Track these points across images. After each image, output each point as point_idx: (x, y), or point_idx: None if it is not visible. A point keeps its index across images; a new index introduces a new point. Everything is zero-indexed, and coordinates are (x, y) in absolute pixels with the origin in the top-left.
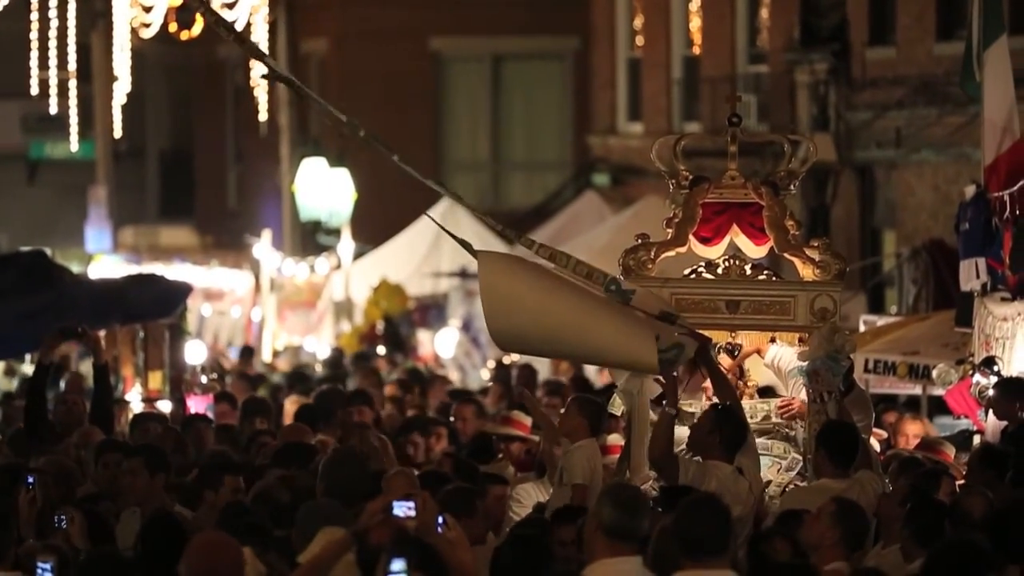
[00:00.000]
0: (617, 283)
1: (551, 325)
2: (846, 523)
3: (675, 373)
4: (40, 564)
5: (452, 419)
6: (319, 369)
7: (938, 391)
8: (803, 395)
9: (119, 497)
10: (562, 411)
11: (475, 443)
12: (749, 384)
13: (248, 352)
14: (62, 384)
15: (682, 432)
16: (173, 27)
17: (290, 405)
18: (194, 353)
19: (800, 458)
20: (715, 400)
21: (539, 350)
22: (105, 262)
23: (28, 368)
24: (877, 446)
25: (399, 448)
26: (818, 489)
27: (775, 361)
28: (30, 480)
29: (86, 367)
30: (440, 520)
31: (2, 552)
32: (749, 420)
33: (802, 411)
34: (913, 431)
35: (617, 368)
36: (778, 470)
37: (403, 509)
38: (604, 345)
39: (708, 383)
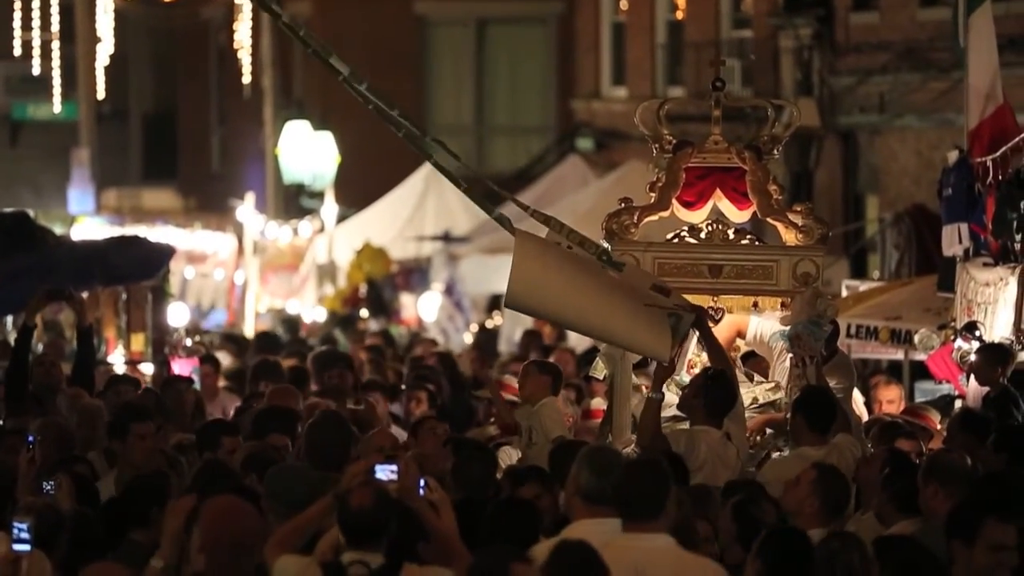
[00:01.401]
0: (608, 254)
1: (573, 304)
2: (826, 490)
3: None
4: (16, 524)
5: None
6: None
7: (920, 356)
8: (786, 363)
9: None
10: (519, 376)
11: (458, 407)
12: (733, 350)
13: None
14: (39, 346)
15: (671, 399)
16: None
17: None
18: (177, 315)
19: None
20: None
21: (552, 316)
22: (88, 224)
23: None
24: (863, 411)
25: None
26: (798, 457)
27: (756, 336)
28: (31, 439)
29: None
30: (422, 483)
31: None
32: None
33: (759, 427)
34: (887, 397)
35: (628, 349)
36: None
37: (385, 472)
38: (622, 328)
39: (693, 358)
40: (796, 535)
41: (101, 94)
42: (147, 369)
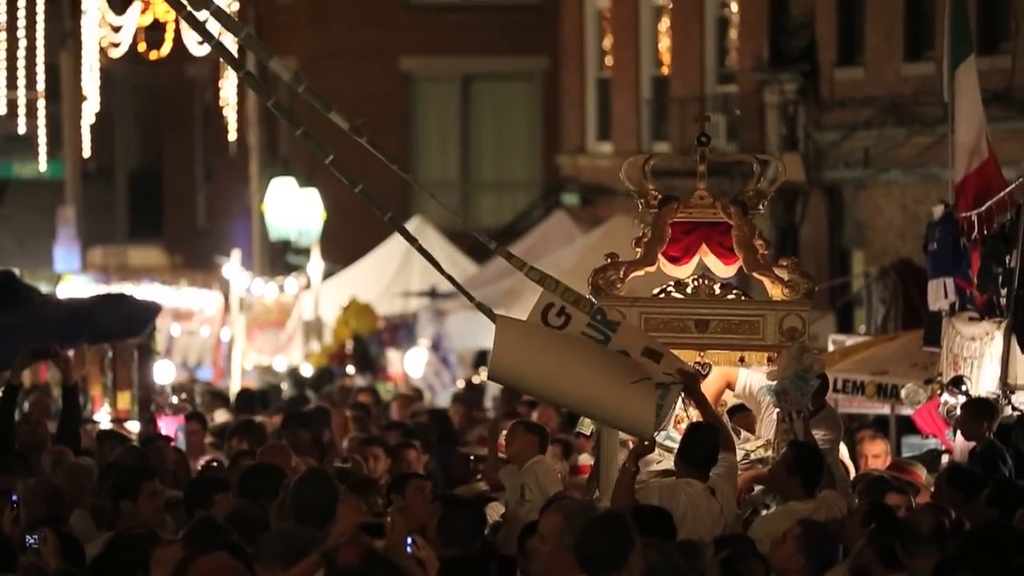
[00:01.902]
0: (603, 313)
1: (556, 385)
2: (812, 546)
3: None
4: None
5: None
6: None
7: (906, 411)
8: (772, 416)
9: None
10: (505, 436)
11: (452, 464)
12: (720, 405)
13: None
14: (26, 405)
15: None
16: (142, 47)
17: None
18: (163, 373)
19: None
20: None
21: (535, 394)
22: (74, 282)
23: None
24: (850, 465)
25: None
26: (786, 513)
27: (745, 389)
28: (15, 498)
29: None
30: (409, 541)
31: None
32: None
33: (746, 484)
34: (873, 451)
35: (612, 427)
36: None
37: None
38: (605, 408)
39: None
40: None
41: (87, 152)
42: (133, 427)
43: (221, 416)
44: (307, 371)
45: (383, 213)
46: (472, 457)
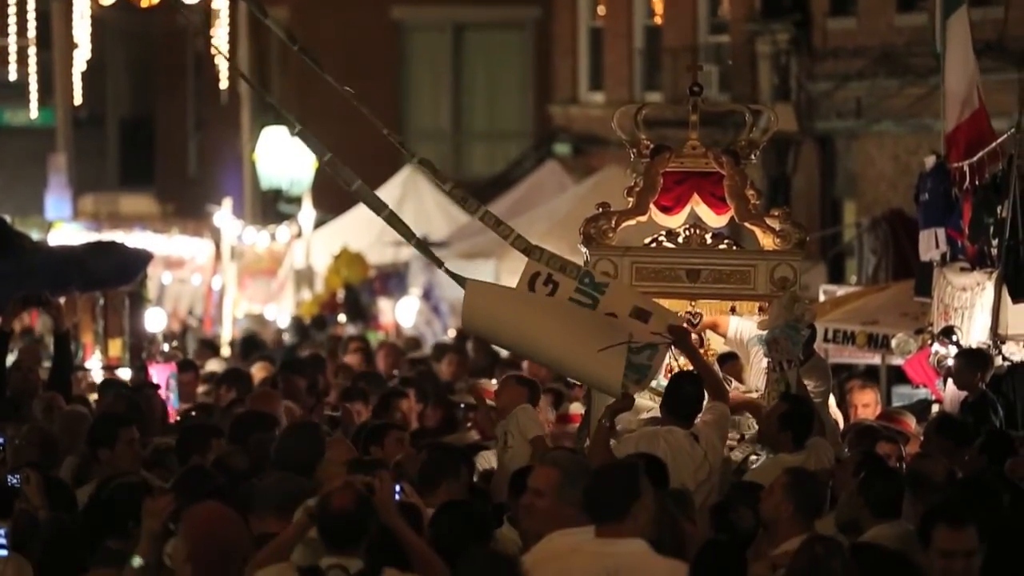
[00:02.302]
0: (591, 276)
1: (525, 348)
2: (800, 495)
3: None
4: None
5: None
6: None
7: (897, 361)
8: (762, 365)
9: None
10: (496, 388)
11: (441, 412)
12: (709, 352)
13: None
14: (15, 352)
15: (646, 403)
16: None
17: (257, 372)
18: (154, 321)
19: None
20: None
21: (507, 348)
22: (65, 230)
23: None
24: (839, 415)
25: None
26: (776, 464)
27: (736, 335)
28: (1, 440)
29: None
30: (398, 489)
31: None
32: None
33: (739, 404)
34: (862, 401)
35: (581, 382)
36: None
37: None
38: (573, 365)
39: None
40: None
41: (78, 100)
42: (125, 375)
43: (212, 366)
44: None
45: (350, 184)
46: (463, 405)
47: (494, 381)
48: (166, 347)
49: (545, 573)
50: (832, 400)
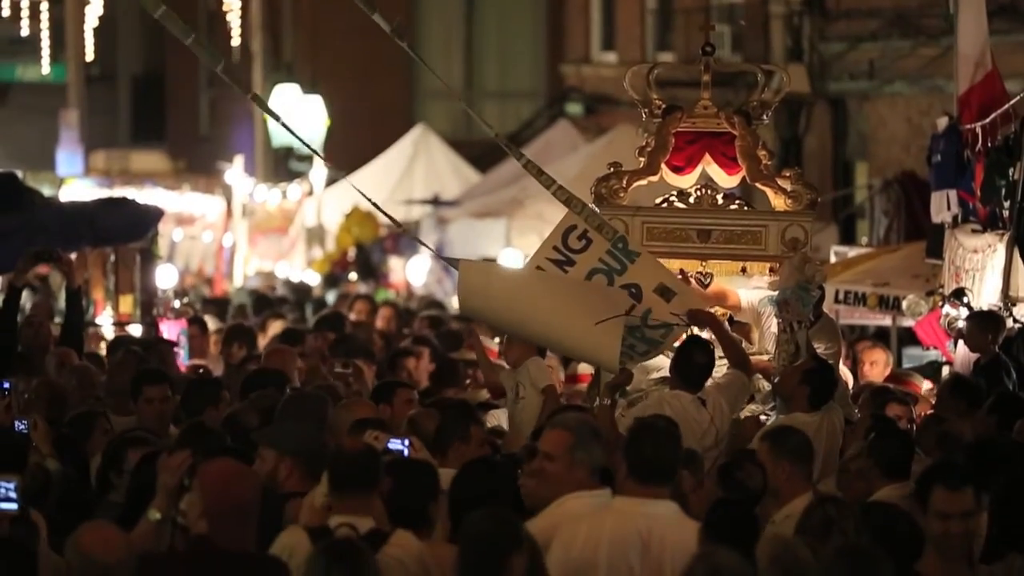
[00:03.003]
0: (625, 242)
1: (522, 319)
2: (787, 450)
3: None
4: (3, 484)
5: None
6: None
7: (908, 322)
8: (773, 327)
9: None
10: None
11: (442, 369)
12: (718, 313)
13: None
14: (27, 307)
15: (663, 361)
16: None
17: (272, 328)
18: (165, 277)
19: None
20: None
21: (504, 329)
22: (76, 186)
23: None
24: (849, 376)
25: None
26: (791, 423)
27: (747, 304)
28: (6, 386)
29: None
30: (407, 443)
31: None
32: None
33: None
34: (872, 358)
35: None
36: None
37: (398, 445)
38: (570, 348)
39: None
40: (740, 507)
41: (90, 56)
42: (135, 331)
43: (212, 324)
44: (311, 278)
45: (215, 64)
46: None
47: (497, 340)
48: (177, 303)
49: (573, 535)
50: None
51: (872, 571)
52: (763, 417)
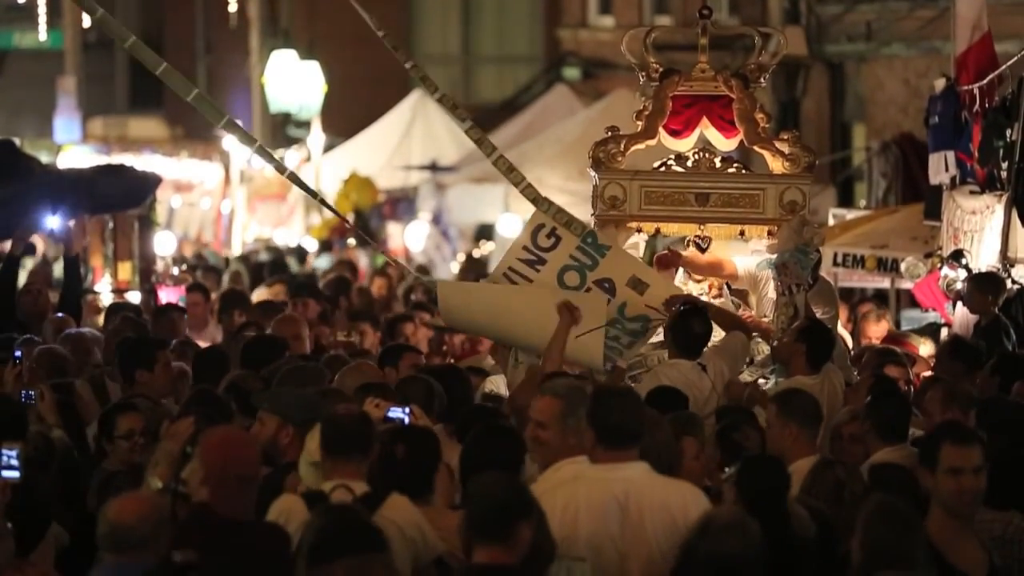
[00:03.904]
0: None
1: (505, 333)
2: (796, 412)
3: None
4: (5, 452)
5: None
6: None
7: (906, 284)
8: (771, 293)
9: None
10: None
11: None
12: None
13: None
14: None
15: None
16: None
17: (274, 294)
18: (163, 244)
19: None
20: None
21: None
22: (74, 153)
23: None
24: (848, 338)
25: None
26: (794, 385)
27: (745, 272)
28: (18, 354)
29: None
30: (407, 411)
31: None
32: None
33: (754, 326)
34: (876, 334)
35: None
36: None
37: (398, 414)
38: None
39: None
40: (773, 464)
41: (87, 22)
42: (134, 298)
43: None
44: (309, 244)
45: (124, 41)
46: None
47: None
48: (175, 271)
49: (551, 507)
50: (840, 324)
51: (912, 527)
52: (762, 381)
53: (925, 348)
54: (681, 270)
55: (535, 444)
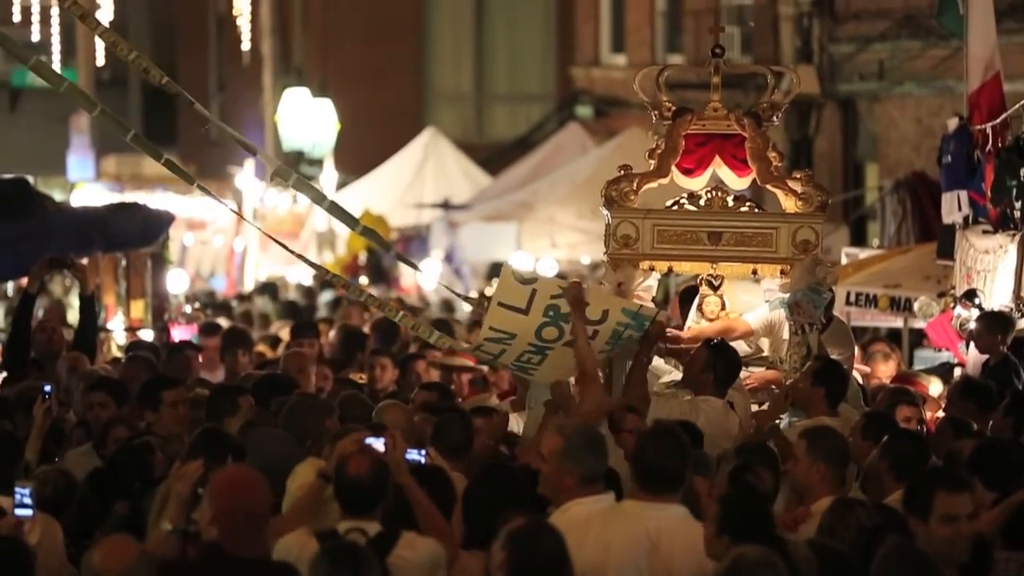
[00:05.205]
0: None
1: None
2: (826, 451)
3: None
4: (18, 490)
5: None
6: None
7: (919, 324)
8: (785, 334)
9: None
10: None
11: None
12: (730, 314)
13: (272, 288)
14: (40, 312)
15: (661, 366)
16: None
17: (283, 332)
18: (176, 282)
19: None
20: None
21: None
22: (87, 190)
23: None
24: (859, 379)
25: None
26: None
27: (758, 323)
28: (47, 390)
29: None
30: (423, 453)
31: (5, 477)
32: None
33: (764, 384)
34: (886, 374)
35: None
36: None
37: (375, 444)
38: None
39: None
40: (753, 494)
41: (100, 60)
42: (147, 336)
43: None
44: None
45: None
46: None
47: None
48: (188, 308)
49: (582, 539)
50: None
51: (928, 570)
52: (777, 422)
53: (934, 387)
54: (694, 309)
55: (541, 476)
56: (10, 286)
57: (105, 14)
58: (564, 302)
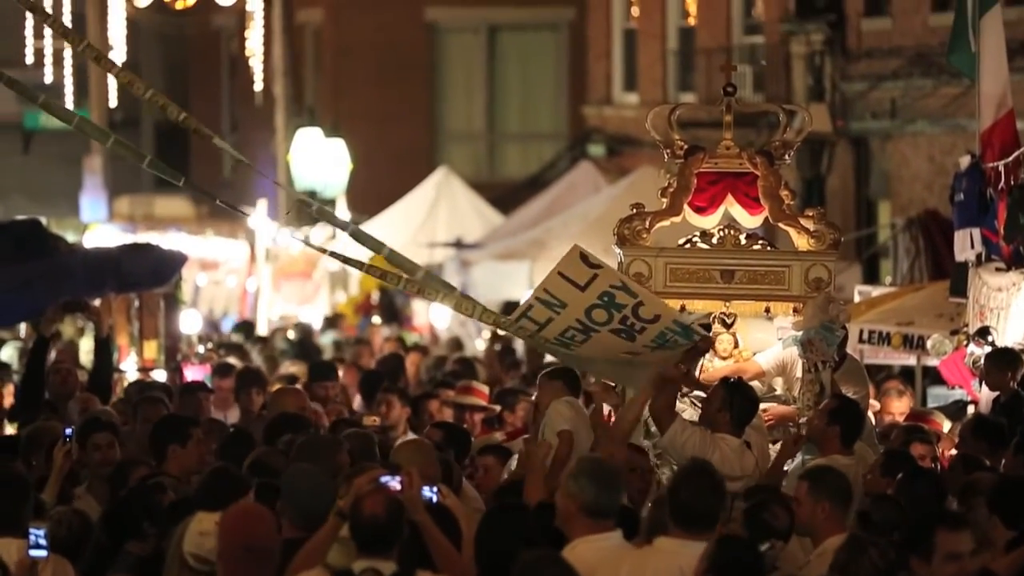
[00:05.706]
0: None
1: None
2: (829, 489)
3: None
4: (32, 531)
5: None
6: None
7: (932, 361)
8: (799, 372)
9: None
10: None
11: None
12: (743, 355)
13: (247, 327)
14: (52, 354)
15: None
16: None
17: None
18: (189, 323)
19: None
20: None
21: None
22: (100, 231)
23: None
24: (873, 417)
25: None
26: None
27: (770, 364)
28: (68, 432)
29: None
30: (435, 491)
31: (16, 518)
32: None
33: (781, 420)
34: (899, 410)
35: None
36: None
37: (391, 483)
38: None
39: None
40: (743, 543)
41: (113, 102)
42: (160, 376)
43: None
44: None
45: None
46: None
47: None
48: (201, 349)
49: (615, 572)
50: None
51: None
52: (790, 462)
53: (946, 425)
54: None
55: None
56: (23, 327)
57: (118, 55)
58: (622, 293)
